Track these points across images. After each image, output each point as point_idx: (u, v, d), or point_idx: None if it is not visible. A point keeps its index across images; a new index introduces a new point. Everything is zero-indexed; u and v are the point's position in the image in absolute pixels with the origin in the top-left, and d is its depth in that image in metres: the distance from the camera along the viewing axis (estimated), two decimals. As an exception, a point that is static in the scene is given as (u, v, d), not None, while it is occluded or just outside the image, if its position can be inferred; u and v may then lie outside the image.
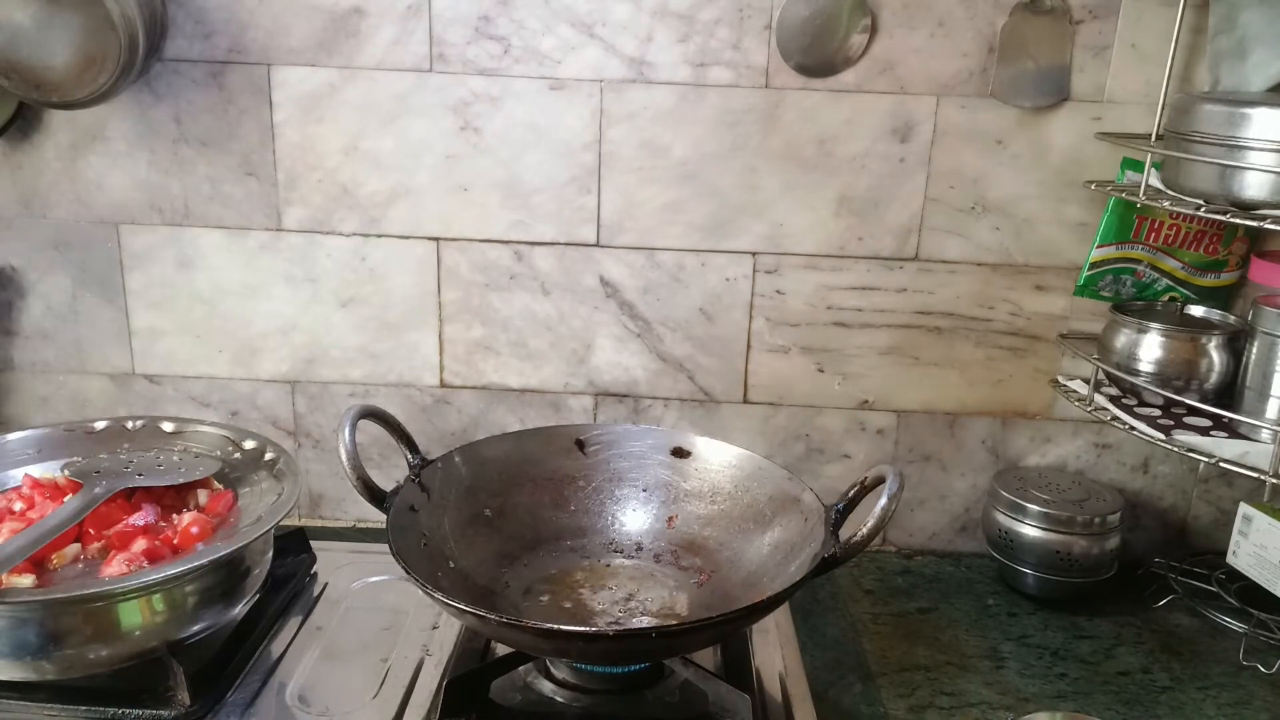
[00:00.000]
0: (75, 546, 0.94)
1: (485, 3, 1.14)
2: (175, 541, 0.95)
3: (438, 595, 0.84)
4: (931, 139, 1.17)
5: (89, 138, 1.20)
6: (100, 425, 1.12)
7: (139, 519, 0.96)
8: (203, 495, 1.03)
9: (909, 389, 1.25)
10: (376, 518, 0.95)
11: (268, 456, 1.08)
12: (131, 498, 1.01)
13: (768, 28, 1.14)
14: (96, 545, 0.95)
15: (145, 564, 0.91)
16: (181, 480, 1.03)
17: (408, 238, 1.22)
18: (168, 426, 1.13)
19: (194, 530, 0.96)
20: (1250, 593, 1.12)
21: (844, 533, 0.90)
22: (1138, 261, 1.18)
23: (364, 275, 1.23)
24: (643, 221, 1.20)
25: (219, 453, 1.10)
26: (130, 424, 1.13)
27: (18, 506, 0.99)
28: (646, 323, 1.24)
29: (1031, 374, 1.24)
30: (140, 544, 0.93)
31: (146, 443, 1.11)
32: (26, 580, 0.89)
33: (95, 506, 0.96)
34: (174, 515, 0.99)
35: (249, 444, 1.10)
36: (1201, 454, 1.03)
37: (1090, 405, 1.15)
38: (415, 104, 1.17)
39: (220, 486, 1.05)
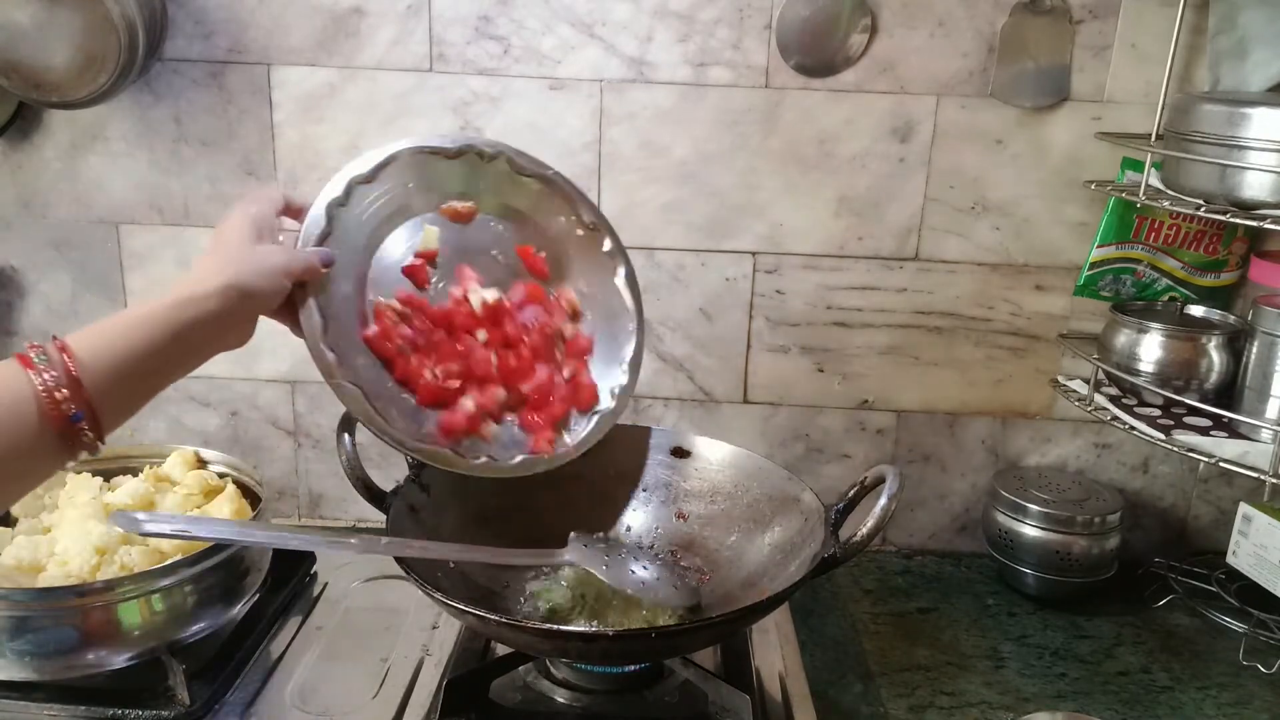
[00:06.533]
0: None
1: (485, 3, 1.14)
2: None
3: (438, 595, 0.84)
4: (931, 139, 1.17)
5: (89, 138, 1.20)
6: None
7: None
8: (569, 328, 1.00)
9: (909, 389, 1.25)
10: (376, 518, 0.95)
11: None
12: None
13: (768, 27, 1.14)
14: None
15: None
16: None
17: (408, 238, 1.22)
18: None
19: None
20: (1250, 593, 1.12)
21: (844, 533, 0.90)
22: (1138, 261, 1.17)
23: (364, 275, 1.23)
24: (643, 221, 1.20)
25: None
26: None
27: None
28: (646, 322, 1.24)
29: (1031, 374, 1.24)
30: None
31: None
32: None
33: None
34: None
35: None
36: (1201, 454, 1.03)
37: (1090, 405, 1.15)
38: (415, 104, 1.17)
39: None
